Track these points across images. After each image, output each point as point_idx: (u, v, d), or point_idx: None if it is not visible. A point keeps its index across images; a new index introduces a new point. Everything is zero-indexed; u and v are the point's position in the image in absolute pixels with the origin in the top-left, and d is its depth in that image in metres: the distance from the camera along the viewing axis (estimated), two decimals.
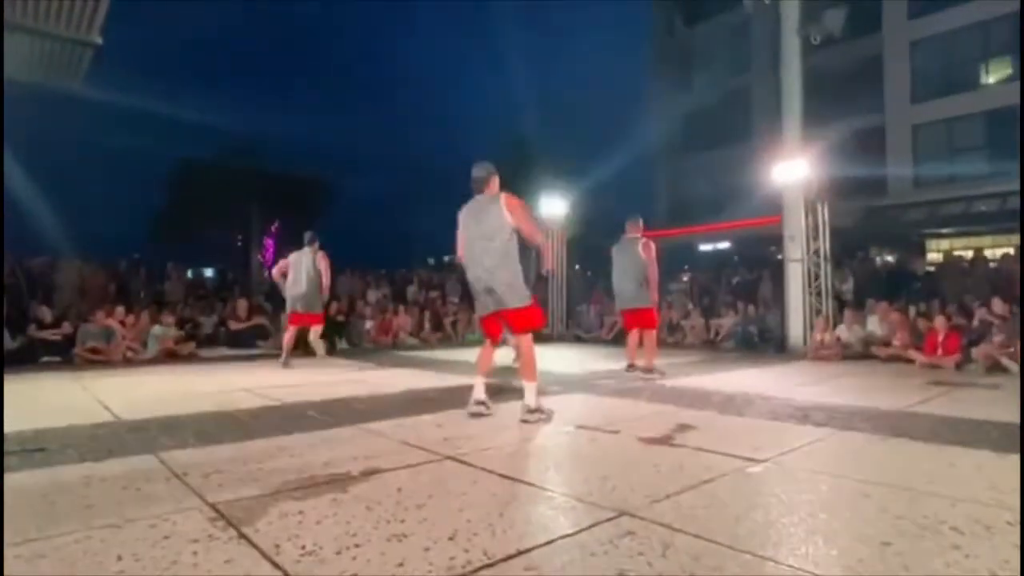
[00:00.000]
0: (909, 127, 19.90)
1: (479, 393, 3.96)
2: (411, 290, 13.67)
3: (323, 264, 6.75)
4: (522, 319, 3.77)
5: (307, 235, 6.96)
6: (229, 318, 10.27)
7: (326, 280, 6.91)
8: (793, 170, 8.65)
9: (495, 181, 3.96)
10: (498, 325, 3.88)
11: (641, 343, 6.20)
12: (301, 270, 6.84)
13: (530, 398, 3.74)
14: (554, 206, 12.25)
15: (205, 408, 4.14)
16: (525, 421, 3.66)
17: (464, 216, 3.93)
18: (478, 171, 3.93)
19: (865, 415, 3.93)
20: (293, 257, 7.03)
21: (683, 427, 3.55)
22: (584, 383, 5.62)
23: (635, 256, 6.07)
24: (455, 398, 4.68)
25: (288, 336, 7.07)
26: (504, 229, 3.71)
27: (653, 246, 6.10)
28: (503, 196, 3.79)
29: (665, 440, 3.21)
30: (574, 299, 13.61)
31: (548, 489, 2.40)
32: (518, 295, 3.74)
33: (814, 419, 3.79)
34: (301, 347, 7.78)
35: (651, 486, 2.41)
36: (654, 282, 5.95)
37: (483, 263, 3.75)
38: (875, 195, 19.62)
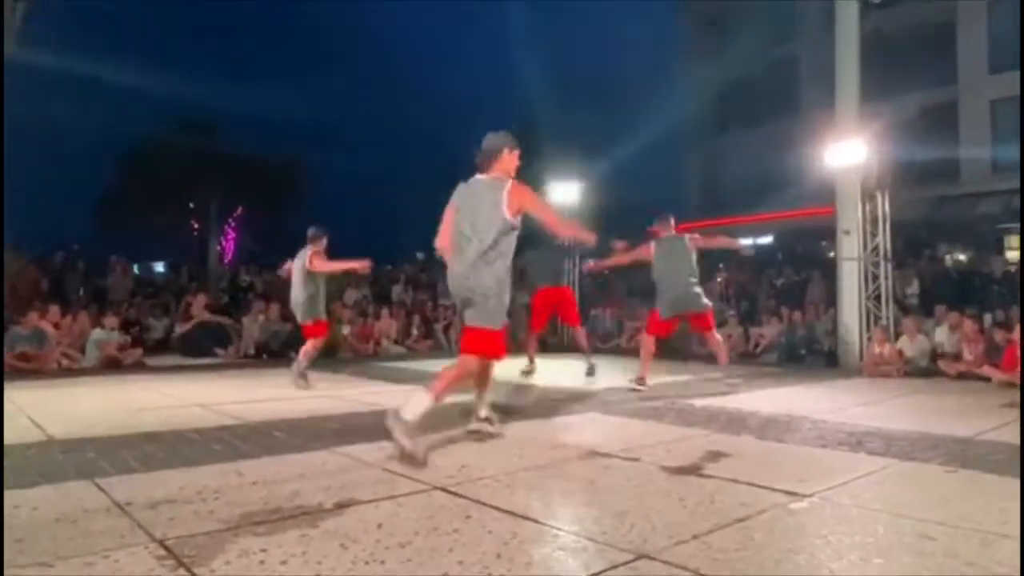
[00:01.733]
0: (986, 102, 19.83)
1: (481, 409, 4.00)
2: (396, 290, 13.69)
3: (316, 265, 6.48)
4: (478, 341, 3.57)
5: (310, 230, 6.78)
6: (181, 319, 10.30)
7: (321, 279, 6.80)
8: (848, 152, 8.64)
9: (508, 159, 3.72)
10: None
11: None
12: (295, 273, 6.71)
13: (413, 409, 3.37)
14: (566, 193, 12.24)
15: (153, 427, 4.15)
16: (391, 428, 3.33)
17: (456, 198, 3.75)
18: (490, 141, 3.70)
19: (930, 443, 3.92)
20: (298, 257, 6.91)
21: (714, 454, 3.54)
22: (599, 400, 5.62)
23: (687, 253, 6.38)
24: (447, 418, 4.68)
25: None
26: (499, 223, 3.52)
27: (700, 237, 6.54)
28: (511, 184, 3.61)
29: (693, 470, 3.21)
30: (588, 302, 13.59)
31: (554, 526, 2.40)
32: (489, 313, 3.54)
33: (869, 447, 3.78)
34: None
35: (675, 524, 2.41)
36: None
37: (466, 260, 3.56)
38: (945, 183, 19.58)
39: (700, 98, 25.41)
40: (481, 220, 3.57)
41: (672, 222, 6.67)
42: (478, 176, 3.75)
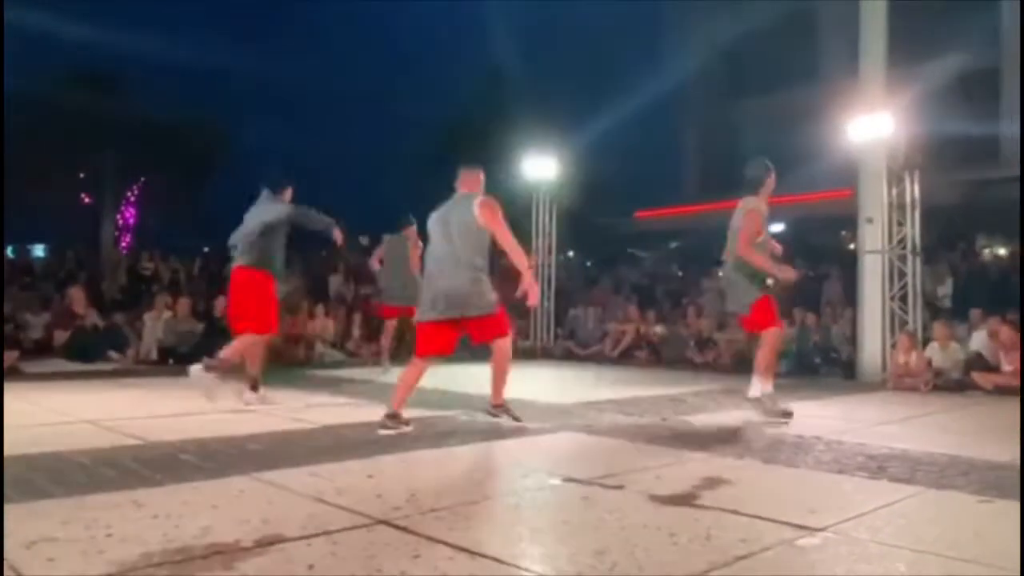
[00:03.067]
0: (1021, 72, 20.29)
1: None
2: (334, 282, 13.58)
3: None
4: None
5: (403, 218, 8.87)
6: (60, 321, 10.07)
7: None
8: (873, 127, 8.80)
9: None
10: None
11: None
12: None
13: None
14: (541, 167, 12.27)
15: (31, 447, 4.06)
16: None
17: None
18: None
19: (962, 468, 4.02)
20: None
21: (712, 481, 3.59)
22: (577, 417, 5.65)
23: (738, 228, 5.86)
24: (396, 437, 4.66)
25: (386, 335, 9.13)
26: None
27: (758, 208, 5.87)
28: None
29: (687, 499, 3.25)
30: (566, 300, 13.67)
31: (521, 567, 2.41)
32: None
33: (893, 472, 3.87)
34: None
35: (665, 564, 2.44)
36: (756, 261, 5.64)
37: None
38: (985, 163, 20.00)
39: (704, 59, 25.61)
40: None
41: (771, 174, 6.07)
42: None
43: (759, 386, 5.64)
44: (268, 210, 6.10)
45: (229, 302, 6.41)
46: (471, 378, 7.85)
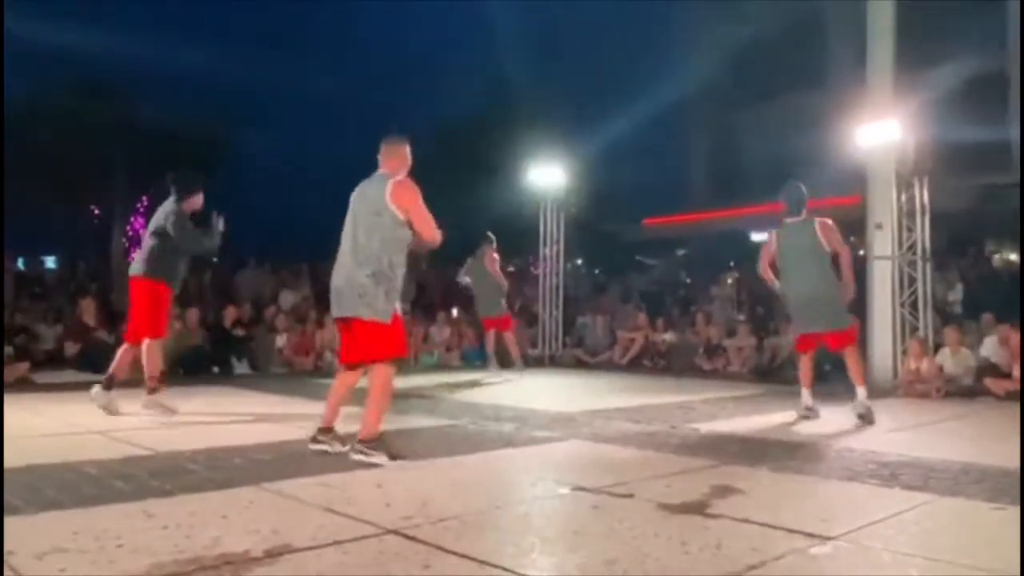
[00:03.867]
0: (1020, 72, 20.22)
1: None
2: None
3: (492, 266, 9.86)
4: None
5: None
6: (72, 334, 10.11)
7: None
8: (881, 132, 8.79)
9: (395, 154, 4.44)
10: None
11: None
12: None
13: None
14: (548, 176, 12.29)
15: (41, 458, 4.07)
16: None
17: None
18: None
19: (975, 474, 4.01)
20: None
21: (722, 489, 3.58)
22: (586, 426, 5.65)
23: (818, 246, 6.04)
24: (405, 446, 4.66)
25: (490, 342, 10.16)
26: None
27: (833, 225, 6.12)
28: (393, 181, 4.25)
29: (697, 508, 3.24)
30: (574, 308, 13.67)
31: (530, 575, 2.40)
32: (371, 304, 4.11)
33: (905, 480, 3.85)
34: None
35: (676, 573, 2.43)
36: (849, 279, 6.11)
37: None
38: (995, 169, 19.94)
39: (711, 64, 25.62)
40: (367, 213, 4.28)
41: (804, 195, 6.36)
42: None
43: (862, 394, 5.98)
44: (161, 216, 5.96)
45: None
46: (479, 387, 7.86)
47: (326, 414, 4.45)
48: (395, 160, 4.46)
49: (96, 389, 5.86)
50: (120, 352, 6.03)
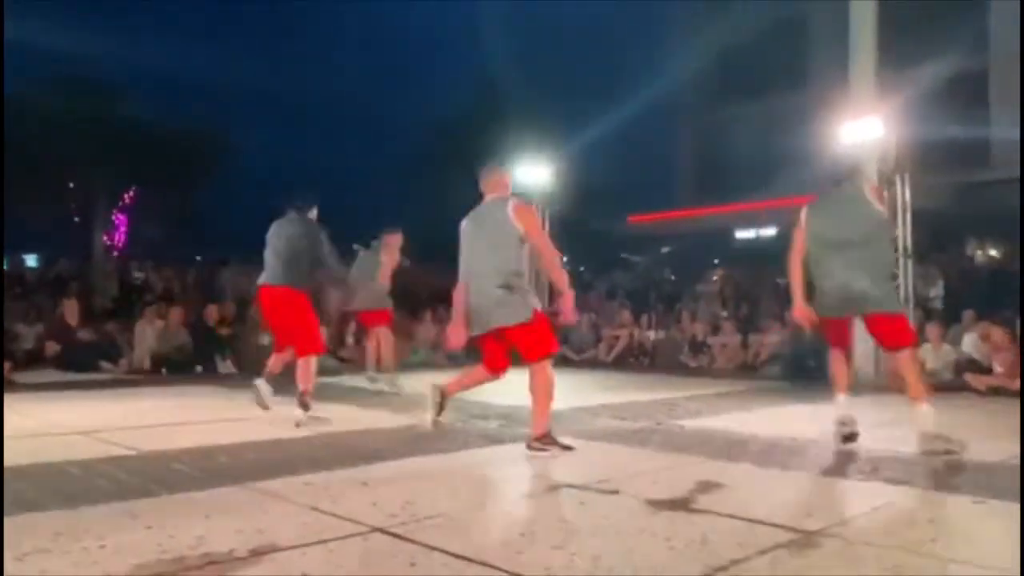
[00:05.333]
0: (1020, 72, 20.42)
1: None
2: (328, 289, 13.54)
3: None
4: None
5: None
6: (53, 334, 10.02)
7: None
8: (863, 130, 8.85)
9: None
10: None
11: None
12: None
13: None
14: (533, 173, 12.29)
15: (22, 459, 4.04)
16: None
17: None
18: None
19: (956, 469, 4.05)
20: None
21: (707, 485, 3.60)
22: (572, 423, 5.64)
23: (877, 223, 4.81)
24: (390, 445, 4.65)
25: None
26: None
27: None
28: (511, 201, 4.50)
29: (682, 504, 3.25)
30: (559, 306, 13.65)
31: (516, 573, 2.40)
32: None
33: (887, 474, 3.88)
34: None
35: (661, 568, 2.44)
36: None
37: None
38: (975, 166, 20.14)
39: (697, 63, 25.72)
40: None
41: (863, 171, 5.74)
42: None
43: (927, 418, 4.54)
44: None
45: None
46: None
47: (455, 381, 5.10)
48: (497, 184, 4.82)
49: (261, 381, 5.90)
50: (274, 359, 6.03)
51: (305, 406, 5.55)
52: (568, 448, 4.43)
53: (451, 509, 3.15)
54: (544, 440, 4.39)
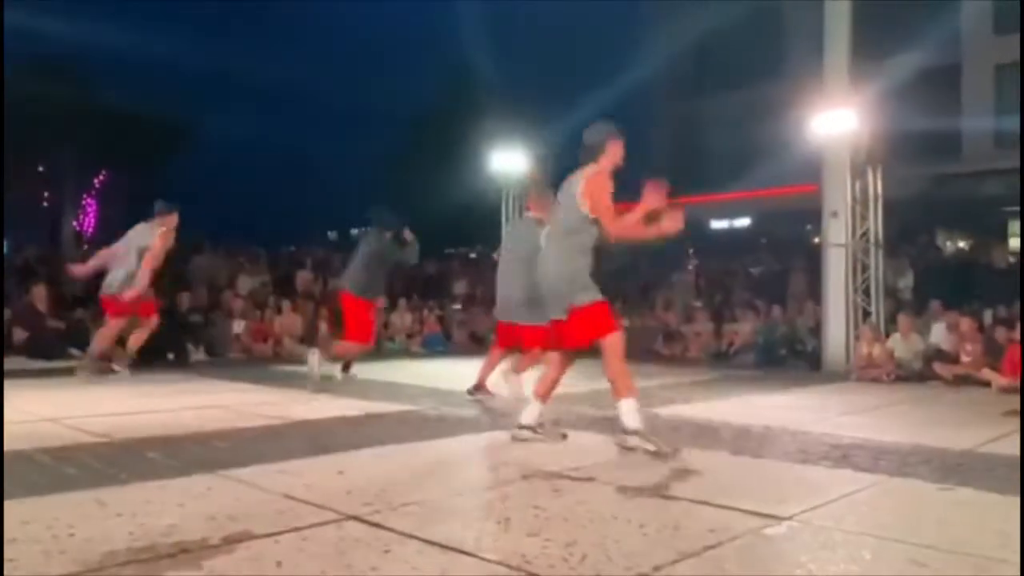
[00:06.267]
0: (992, 66, 20.69)
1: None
2: (302, 277, 13.47)
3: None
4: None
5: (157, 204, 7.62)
6: (22, 316, 9.85)
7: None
8: (837, 121, 8.94)
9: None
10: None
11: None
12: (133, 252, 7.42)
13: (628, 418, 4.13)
14: (509, 162, 12.27)
15: None
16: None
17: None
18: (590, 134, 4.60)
19: (923, 456, 4.12)
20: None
21: (680, 473, 3.63)
22: (546, 411, 5.66)
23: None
24: (366, 432, 4.64)
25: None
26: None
27: None
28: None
29: (655, 490, 3.28)
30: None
31: (491, 560, 2.41)
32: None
33: (856, 461, 3.94)
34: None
35: (634, 554, 2.46)
36: None
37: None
38: (945, 158, 20.40)
39: (674, 53, 25.77)
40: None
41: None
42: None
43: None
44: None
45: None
46: (440, 373, 7.83)
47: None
48: (541, 206, 5.72)
49: (339, 371, 7.40)
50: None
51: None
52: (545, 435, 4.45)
53: (426, 497, 3.15)
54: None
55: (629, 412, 4.14)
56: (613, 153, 4.63)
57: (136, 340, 7.78)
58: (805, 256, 12.98)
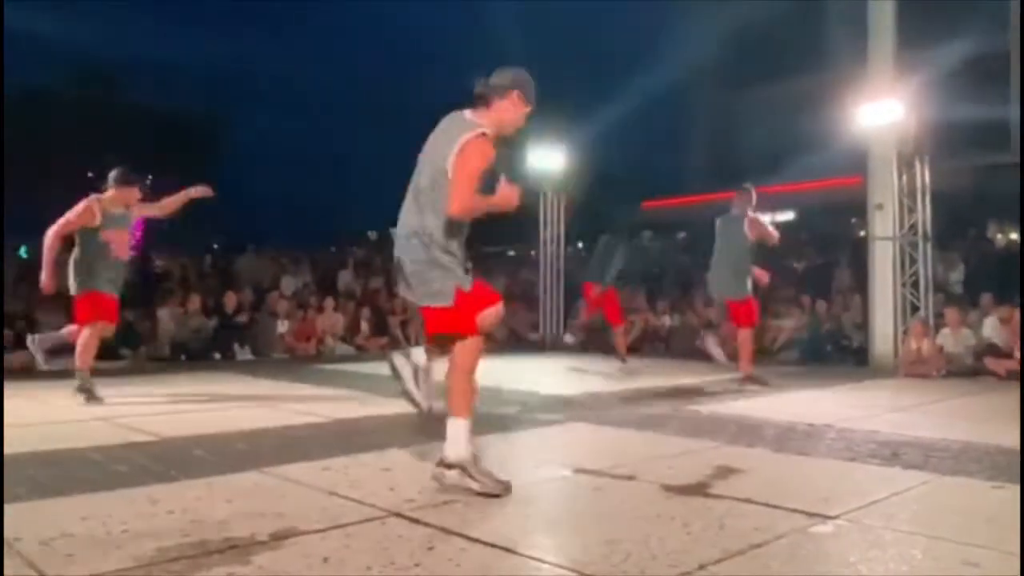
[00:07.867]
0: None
1: None
2: (344, 277, 13.61)
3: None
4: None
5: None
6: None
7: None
8: (882, 112, 8.76)
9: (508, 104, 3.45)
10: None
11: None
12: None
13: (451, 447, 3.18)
14: (547, 159, 12.25)
15: (43, 445, 4.09)
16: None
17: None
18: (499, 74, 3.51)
19: (976, 454, 4.03)
20: None
21: (724, 470, 3.60)
22: (587, 408, 5.67)
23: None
24: (410, 430, 4.68)
25: None
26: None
27: None
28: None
29: (699, 489, 3.25)
30: (574, 291, 13.62)
31: (533, 557, 2.42)
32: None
33: (906, 459, 3.87)
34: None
35: (678, 552, 2.45)
36: None
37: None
38: (995, 149, 19.89)
39: (711, 45, 25.50)
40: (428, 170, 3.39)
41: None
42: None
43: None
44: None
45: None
46: (481, 370, 7.80)
47: None
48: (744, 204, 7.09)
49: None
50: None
51: None
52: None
53: (468, 494, 3.17)
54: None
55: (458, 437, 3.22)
56: (507, 110, 3.48)
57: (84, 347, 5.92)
58: (850, 250, 12.74)
